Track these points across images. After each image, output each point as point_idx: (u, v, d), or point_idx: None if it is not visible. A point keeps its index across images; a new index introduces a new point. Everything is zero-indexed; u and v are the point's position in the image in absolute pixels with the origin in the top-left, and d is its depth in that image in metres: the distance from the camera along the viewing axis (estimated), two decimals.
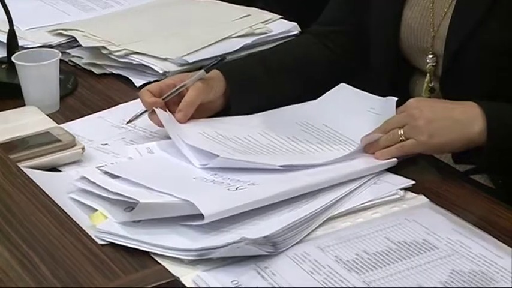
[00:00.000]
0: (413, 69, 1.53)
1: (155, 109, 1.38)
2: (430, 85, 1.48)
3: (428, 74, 1.48)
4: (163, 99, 1.40)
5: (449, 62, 1.43)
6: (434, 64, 1.47)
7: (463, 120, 1.28)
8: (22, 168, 1.24)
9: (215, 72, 1.45)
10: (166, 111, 1.39)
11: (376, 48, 1.56)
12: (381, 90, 1.53)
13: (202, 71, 1.43)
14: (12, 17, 1.63)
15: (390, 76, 1.55)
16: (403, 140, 1.29)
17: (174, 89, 1.41)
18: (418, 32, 1.49)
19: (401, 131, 1.29)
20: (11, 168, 1.20)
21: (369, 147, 1.32)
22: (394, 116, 1.34)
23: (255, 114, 1.47)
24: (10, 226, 1.06)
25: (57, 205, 1.12)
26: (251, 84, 1.50)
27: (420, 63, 1.50)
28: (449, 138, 1.29)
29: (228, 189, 1.21)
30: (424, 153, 1.31)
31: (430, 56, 1.47)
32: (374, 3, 1.55)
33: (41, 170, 1.30)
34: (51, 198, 1.13)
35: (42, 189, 1.15)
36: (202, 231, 1.11)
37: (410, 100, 1.35)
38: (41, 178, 1.22)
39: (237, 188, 1.21)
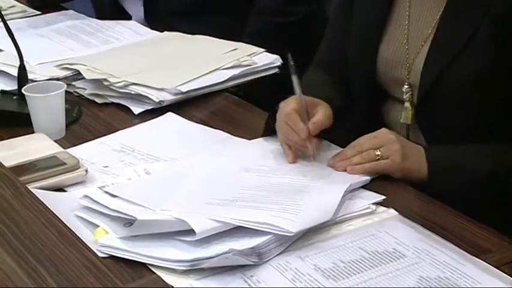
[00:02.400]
0: (390, 98, 1.52)
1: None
2: (407, 113, 1.47)
3: (404, 103, 1.47)
4: None
5: (424, 93, 1.42)
6: (410, 94, 1.46)
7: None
8: (31, 189, 1.23)
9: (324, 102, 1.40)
10: None
11: (355, 79, 1.56)
12: (360, 117, 1.56)
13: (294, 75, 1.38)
14: (23, 53, 1.63)
15: (368, 104, 1.55)
16: (379, 159, 1.31)
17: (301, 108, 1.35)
18: (393, 65, 1.48)
19: (378, 151, 1.31)
20: (20, 189, 1.20)
21: (341, 165, 1.32)
22: (367, 138, 1.34)
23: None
24: (19, 241, 1.05)
25: (63, 222, 1.11)
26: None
27: (397, 93, 1.49)
28: (416, 165, 1.31)
29: (219, 205, 1.20)
30: (393, 174, 1.31)
31: (406, 87, 1.46)
32: (353, 40, 1.55)
33: (48, 190, 1.30)
34: (57, 216, 1.12)
35: (49, 208, 1.14)
36: (194, 244, 1.11)
37: (383, 129, 1.37)
38: (48, 198, 1.22)
39: (228, 205, 1.20)
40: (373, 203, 1.23)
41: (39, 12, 2.28)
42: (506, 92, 1.37)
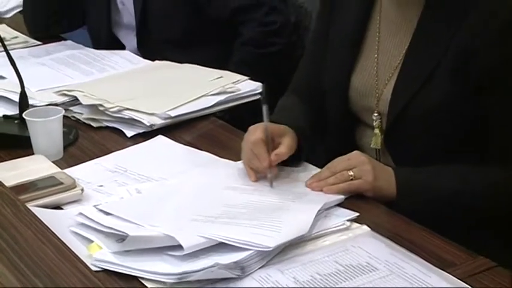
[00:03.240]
0: (362, 124, 1.52)
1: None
2: (376, 138, 1.46)
3: (374, 129, 1.46)
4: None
5: (392, 121, 1.42)
6: (379, 121, 1.45)
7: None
8: (30, 207, 1.22)
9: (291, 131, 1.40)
10: None
11: (329, 106, 1.55)
12: (333, 141, 1.56)
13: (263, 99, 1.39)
14: (24, 80, 1.62)
15: (342, 129, 1.55)
16: (353, 179, 1.31)
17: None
18: (364, 94, 1.48)
19: (351, 172, 1.31)
20: (19, 208, 1.18)
21: (317, 185, 1.32)
22: (341, 160, 1.34)
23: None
24: (18, 256, 1.04)
25: (59, 238, 1.10)
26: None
27: (367, 120, 1.48)
28: (386, 184, 1.32)
29: (203, 222, 1.20)
30: (365, 193, 1.31)
31: (376, 115, 1.46)
32: (327, 70, 1.55)
33: (47, 208, 1.29)
34: (53, 233, 1.11)
35: (46, 225, 1.13)
36: (182, 259, 1.10)
37: (356, 151, 1.37)
38: (45, 215, 1.20)
39: (213, 222, 1.20)
40: (347, 220, 1.23)
41: (40, 43, 2.28)
42: (468, 120, 1.37)
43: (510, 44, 1.30)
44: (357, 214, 1.25)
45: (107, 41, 2.30)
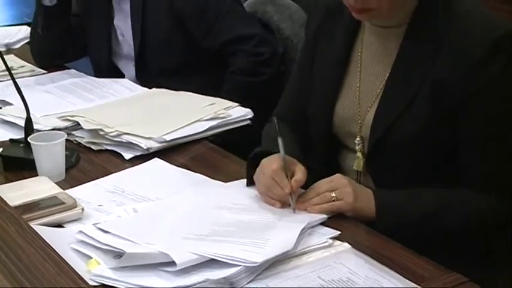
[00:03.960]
0: (345, 148, 1.52)
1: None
2: (358, 161, 1.46)
3: (356, 153, 1.46)
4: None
5: (373, 146, 1.42)
6: (361, 145, 1.45)
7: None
8: (33, 226, 1.21)
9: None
10: None
11: (313, 132, 1.56)
12: (319, 163, 1.55)
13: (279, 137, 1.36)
14: (30, 106, 1.62)
15: (326, 153, 1.55)
16: (334, 200, 1.31)
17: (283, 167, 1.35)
18: (347, 121, 1.48)
19: (333, 194, 1.31)
20: (23, 226, 1.18)
21: (302, 205, 1.32)
22: (324, 183, 1.35)
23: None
24: (20, 272, 1.03)
25: (59, 255, 1.09)
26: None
27: (350, 144, 1.48)
28: (366, 205, 1.32)
29: (195, 240, 1.20)
30: (346, 213, 1.31)
31: (358, 139, 1.45)
32: (312, 98, 1.55)
33: (49, 226, 1.28)
34: (54, 250, 1.10)
35: (47, 243, 1.12)
36: (175, 274, 1.10)
37: (338, 174, 1.38)
38: (48, 233, 1.20)
39: (204, 240, 1.20)
40: (330, 238, 1.23)
41: (45, 71, 2.29)
42: (444, 146, 1.37)
43: (480, 77, 1.30)
44: (339, 232, 1.25)
45: (108, 70, 2.31)
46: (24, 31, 2.63)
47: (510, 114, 1.33)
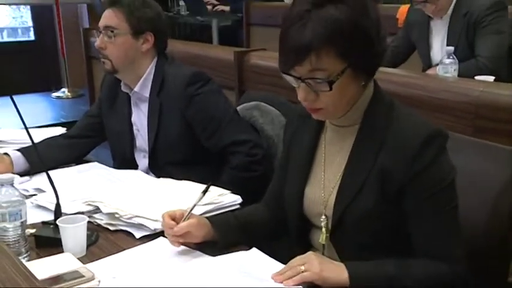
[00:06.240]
0: (313, 225, 1.53)
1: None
2: (324, 237, 1.48)
3: (322, 230, 1.48)
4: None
5: (335, 222, 1.44)
6: (326, 222, 1.47)
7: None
8: None
9: (205, 220, 1.54)
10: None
11: (288, 213, 1.58)
12: (292, 239, 1.57)
13: (201, 193, 1.55)
14: (59, 193, 1.64)
15: (298, 229, 1.56)
16: (303, 272, 1.32)
17: (184, 217, 1.53)
18: (314, 202, 1.50)
19: (302, 267, 1.32)
20: None
21: (277, 278, 1.33)
22: (297, 259, 1.36)
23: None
24: None
25: None
26: (226, 226, 1.55)
27: (317, 222, 1.50)
28: (333, 275, 1.32)
29: None
30: (316, 282, 1.32)
31: (323, 217, 1.47)
32: (287, 183, 1.58)
33: None
34: None
35: None
36: None
37: (309, 252, 1.39)
38: None
39: None
40: None
41: (74, 164, 2.31)
42: (394, 221, 1.39)
43: (416, 164, 1.34)
44: None
45: (125, 159, 2.32)
46: (59, 131, 2.64)
47: (442, 194, 1.36)
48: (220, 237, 1.54)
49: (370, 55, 1.34)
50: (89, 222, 1.59)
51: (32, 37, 7.38)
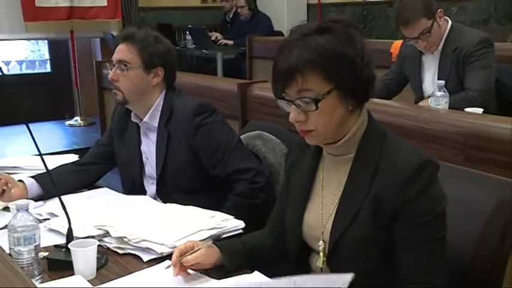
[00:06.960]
0: (311, 249, 1.53)
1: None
2: (322, 260, 1.47)
3: (320, 254, 1.48)
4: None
5: (332, 247, 1.44)
6: (323, 247, 1.47)
7: None
8: None
9: (214, 247, 1.54)
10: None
11: (288, 238, 1.58)
12: (292, 264, 1.56)
13: (211, 242, 1.57)
14: (71, 218, 1.63)
15: (297, 254, 1.55)
16: None
17: (191, 251, 1.51)
18: (312, 227, 1.50)
19: None
20: None
21: None
22: None
23: None
24: None
25: None
26: (233, 252, 1.54)
27: (315, 246, 1.50)
28: None
29: None
30: None
31: (321, 242, 1.47)
32: (287, 210, 1.58)
33: None
34: None
35: None
36: None
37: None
38: None
39: None
40: None
41: (85, 189, 2.30)
42: (388, 246, 1.38)
43: (407, 192, 1.34)
44: None
45: (134, 186, 2.31)
46: (72, 158, 2.65)
47: (431, 223, 1.35)
48: (227, 262, 1.54)
49: (355, 80, 1.35)
50: (98, 245, 1.59)
51: (48, 69, 7.47)
